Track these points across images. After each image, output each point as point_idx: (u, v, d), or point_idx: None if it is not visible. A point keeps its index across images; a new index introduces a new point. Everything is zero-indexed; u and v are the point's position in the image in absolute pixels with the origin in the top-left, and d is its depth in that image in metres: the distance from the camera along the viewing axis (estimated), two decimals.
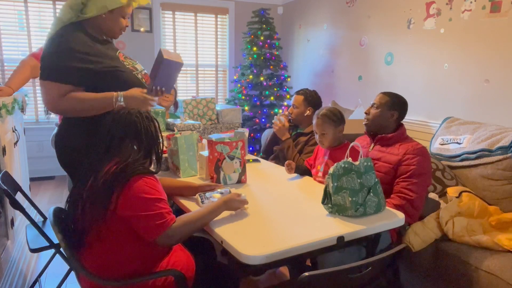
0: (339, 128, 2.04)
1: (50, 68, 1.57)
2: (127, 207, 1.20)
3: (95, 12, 1.63)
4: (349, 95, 4.13)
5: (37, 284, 2.16)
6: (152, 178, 1.28)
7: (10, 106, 2.29)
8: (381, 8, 3.60)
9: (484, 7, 2.67)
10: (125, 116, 1.34)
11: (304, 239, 1.27)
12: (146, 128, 1.36)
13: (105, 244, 1.24)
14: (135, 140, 1.34)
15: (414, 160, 1.81)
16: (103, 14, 1.66)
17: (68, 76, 1.57)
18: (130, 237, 1.24)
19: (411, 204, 1.77)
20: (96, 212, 1.20)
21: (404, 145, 1.89)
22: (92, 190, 1.23)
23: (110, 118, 1.36)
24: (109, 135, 1.33)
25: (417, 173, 1.79)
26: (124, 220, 1.22)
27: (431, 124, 3.14)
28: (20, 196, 2.09)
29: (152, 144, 1.38)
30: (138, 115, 1.36)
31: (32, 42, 4.21)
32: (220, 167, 1.85)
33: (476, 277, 1.73)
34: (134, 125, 1.34)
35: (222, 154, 1.84)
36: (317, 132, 2.06)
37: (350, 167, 1.51)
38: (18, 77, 2.48)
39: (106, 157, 1.31)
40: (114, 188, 1.20)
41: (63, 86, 1.57)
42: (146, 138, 1.36)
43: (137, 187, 1.21)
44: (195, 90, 5.17)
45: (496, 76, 2.65)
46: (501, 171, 2.23)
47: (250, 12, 4.72)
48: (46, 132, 4.19)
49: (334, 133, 2.02)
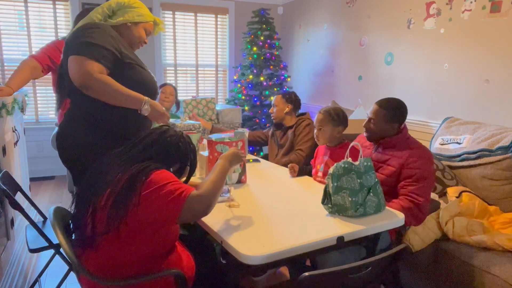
0: (338, 128, 2.04)
1: (88, 46, 1.57)
2: (147, 202, 1.19)
3: (122, 20, 1.73)
4: (349, 95, 4.13)
5: (37, 284, 2.16)
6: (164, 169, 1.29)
7: (10, 106, 2.30)
8: (381, 8, 3.60)
9: (484, 7, 2.67)
10: (171, 138, 1.35)
11: (304, 239, 1.27)
12: (186, 154, 1.39)
13: (120, 245, 1.22)
14: (173, 164, 1.37)
15: (418, 163, 1.79)
16: (128, 23, 1.75)
17: (105, 58, 1.60)
18: (148, 236, 1.23)
19: (419, 208, 1.75)
20: (118, 214, 1.18)
21: (408, 147, 1.86)
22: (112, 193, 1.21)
23: (153, 134, 1.35)
24: (147, 150, 1.32)
25: (422, 177, 1.77)
26: (146, 216, 1.20)
27: (431, 124, 3.14)
28: (20, 196, 2.09)
29: (183, 167, 1.41)
30: (183, 140, 1.38)
31: (32, 42, 4.20)
32: None
33: (476, 277, 1.73)
34: (176, 149, 1.36)
35: (222, 154, 1.84)
36: (315, 127, 2.07)
37: (350, 167, 1.51)
38: (18, 78, 2.48)
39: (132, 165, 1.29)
40: (135, 187, 1.19)
41: (100, 66, 1.59)
42: (181, 163, 1.39)
43: (154, 179, 1.21)
44: (195, 90, 5.17)
45: (496, 76, 2.65)
46: (501, 171, 2.23)
47: (250, 12, 4.72)
48: (46, 132, 4.20)
49: (332, 132, 2.03)
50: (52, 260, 2.09)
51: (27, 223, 1.94)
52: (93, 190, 1.26)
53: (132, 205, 1.18)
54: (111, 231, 1.19)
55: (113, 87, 1.57)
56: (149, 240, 1.24)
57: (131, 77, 1.67)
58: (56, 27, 4.30)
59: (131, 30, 1.77)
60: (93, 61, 1.55)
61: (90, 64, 1.54)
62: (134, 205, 1.18)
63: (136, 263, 1.24)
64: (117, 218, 1.18)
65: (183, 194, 1.20)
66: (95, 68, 1.55)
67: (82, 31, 1.61)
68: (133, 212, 1.18)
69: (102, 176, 1.28)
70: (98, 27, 1.63)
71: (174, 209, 1.19)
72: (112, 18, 1.73)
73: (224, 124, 4.36)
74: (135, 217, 1.19)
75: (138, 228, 1.21)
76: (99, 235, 1.22)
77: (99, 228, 1.21)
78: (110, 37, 1.63)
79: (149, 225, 1.21)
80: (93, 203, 1.23)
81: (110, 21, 1.73)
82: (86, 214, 1.25)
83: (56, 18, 4.29)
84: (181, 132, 1.41)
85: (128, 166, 1.26)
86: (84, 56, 1.54)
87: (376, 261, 1.17)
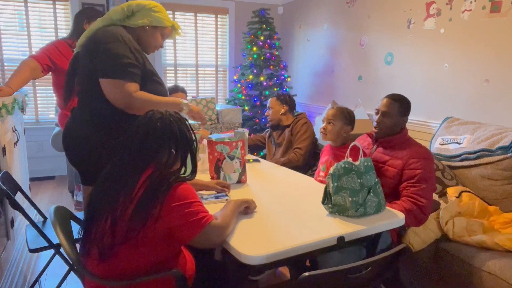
0: (346, 127, 2.04)
1: (124, 68, 1.61)
2: (170, 216, 1.18)
3: (141, 22, 1.73)
4: (349, 95, 4.13)
5: (37, 284, 2.16)
6: (188, 183, 1.28)
7: (10, 106, 2.29)
8: (381, 8, 3.60)
9: (484, 7, 2.67)
10: (160, 121, 1.30)
11: (304, 239, 1.27)
12: (182, 130, 1.34)
13: (136, 252, 1.21)
14: (173, 145, 1.31)
15: (419, 164, 1.77)
16: (146, 26, 1.75)
17: (137, 76, 1.65)
18: (163, 243, 1.23)
19: (421, 210, 1.74)
20: (139, 224, 1.17)
21: (408, 148, 1.85)
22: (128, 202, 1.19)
23: (143, 126, 1.30)
24: (145, 143, 1.28)
25: (424, 178, 1.76)
26: (164, 227, 1.20)
27: (431, 124, 3.14)
28: (20, 196, 2.09)
29: (188, 146, 1.36)
30: (172, 119, 1.33)
31: (32, 42, 4.21)
32: (220, 167, 1.85)
33: (476, 277, 1.73)
34: (170, 130, 1.31)
35: (222, 154, 1.84)
36: (325, 120, 2.06)
37: (350, 167, 1.50)
38: (18, 78, 2.48)
39: (140, 165, 1.27)
40: (157, 198, 1.18)
41: (136, 85, 1.65)
42: (182, 141, 1.33)
43: (179, 194, 1.20)
44: (195, 90, 5.17)
45: (496, 76, 2.65)
46: (501, 171, 2.22)
47: (250, 12, 4.72)
48: (46, 132, 4.20)
49: (340, 129, 2.03)
50: (52, 260, 2.10)
51: (27, 223, 1.94)
52: (106, 200, 1.24)
53: (155, 215, 1.17)
54: (130, 239, 1.18)
55: (154, 101, 1.66)
56: (160, 247, 1.24)
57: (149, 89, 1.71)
58: (56, 27, 4.30)
59: (148, 33, 1.77)
60: (131, 83, 1.62)
61: (129, 87, 1.61)
62: (156, 216, 1.17)
63: (144, 267, 1.24)
64: (138, 228, 1.17)
65: (203, 220, 1.21)
66: (133, 88, 1.62)
67: (110, 49, 1.60)
68: (153, 222, 1.18)
69: (111, 184, 1.26)
70: (123, 40, 1.63)
71: (192, 232, 1.20)
72: (130, 19, 1.73)
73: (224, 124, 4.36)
74: (153, 227, 1.18)
75: (152, 237, 1.20)
76: (117, 245, 1.20)
77: (118, 237, 1.19)
78: (136, 51, 1.66)
79: (163, 235, 1.22)
80: (111, 214, 1.20)
81: (129, 22, 1.73)
82: (103, 225, 1.22)
83: (56, 18, 4.29)
84: (166, 111, 1.35)
85: (136, 170, 1.25)
86: (123, 80, 1.60)
87: (376, 261, 1.17)
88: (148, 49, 1.83)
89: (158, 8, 1.77)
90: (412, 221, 1.75)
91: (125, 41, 1.64)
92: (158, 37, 1.81)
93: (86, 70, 1.67)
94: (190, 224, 1.20)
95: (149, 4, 1.75)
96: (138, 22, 1.73)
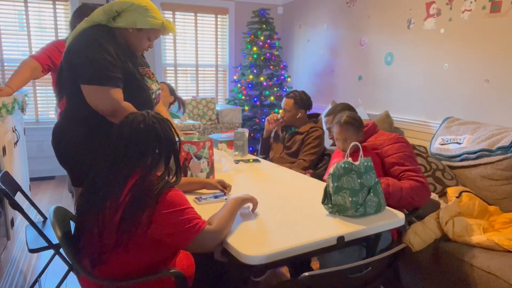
0: (361, 133, 2.01)
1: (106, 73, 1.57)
2: (162, 223, 1.18)
3: (123, 24, 1.65)
4: (349, 95, 4.13)
5: (37, 284, 2.16)
6: (177, 189, 1.26)
7: (10, 106, 2.29)
8: (381, 8, 3.60)
9: (484, 7, 2.67)
10: (144, 123, 1.27)
11: (304, 239, 1.27)
12: (165, 131, 1.31)
13: (128, 257, 1.21)
14: (157, 146, 1.28)
15: (395, 147, 1.88)
16: (130, 29, 1.68)
17: (120, 81, 1.61)
18: (155, 249, 1.23)
19: (424, 186, 1.81)
20: (128, 229, 1.16)
21: (377, 141, 1.97)
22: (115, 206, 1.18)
23: (126, 128, 1.27)
24: (129, 146, 1.25)
25: (407, 157, 1.86)
26: (157, 234, 1.19)
27: (431, 124, 3.14)
28: (20, 196, 2.09)
29: (172, 146, 1.33)
30: (155, 119, 1.30)
31: (32, 42, 4.21)
32: (187, 167, 1.84)
33: (476, 277, 1.73)
34: (154, 131, 1.28)
35: (189, 153, 1.83)
36: (339, 139, 1.99)
37: (350, 167, 1.50)
38: (19, 78, 2.48)
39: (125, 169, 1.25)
40: (146, 205, 1.17)
41: (120, 90, 1.61)
42: (165, 141, 1.30)
43: (169, 201, 1.19)
44: (195, 90, 5.17)
45: (496, 76, 2.65)
46: (501, 171, 2.22)
47: (250, 12, 4.72)
48: (46, 132, 4.19)
49: (357, 138, 1.99)
50: (52, 260, 2.10)
51: (27, 223, 1.94)
52: (92, 206, 1.23)
53: (144, 222, 1.16)
54: (120, 245, 1.18)
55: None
56: (153, 252, 1.24)
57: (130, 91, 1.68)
58: (56, 27, 4.30)
59: (133, 36, 1.70)
60: (115, 88, 1.59)
61: (114, 93, 1.58)
62: (146, 222, 1.16)
63: (141, 269, 1.24)
64: (127, 233, 1.16)
65: (197, 227, 1.20)
66: (119, 95, 1.60)
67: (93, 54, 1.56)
68: (144, 228, 1.17)
69: (97, 190, 1.24)
70: (104, 46, 1.58)
71: (186, 239, 1.20)
72: (116, 21, 1.66)
73: (224, 124, 4.36)
74: (144, 234, 1.18)
75: (143, 243, 1.20)
76: (108, 250, 1.20)
77: (107, 244, 1.19)
78: (115, 54, 1.61)
79: (155, 242, 1.21)
80: (97, 221, 1.19)
81: (114, 24, 1.66)
82: (90, 233, 1.22)
83: (56, 18, 4.29)
84: (146, 112, 1.32)
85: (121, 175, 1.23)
86: (107, 86, 1.57)
87: (376, 261, 1.17)
88: (137, 51, 1.77)
89: (144, 8, 1.65)
90: (420, 197, 1.80)
91: (102, 43, 1.57)
92: (144, 40, 1.72)
93: (66, 74, 1.65)
94: (183, 231, 1.19)
95: (132, 5, 1.63)
96: (120, 25, 1.65)
